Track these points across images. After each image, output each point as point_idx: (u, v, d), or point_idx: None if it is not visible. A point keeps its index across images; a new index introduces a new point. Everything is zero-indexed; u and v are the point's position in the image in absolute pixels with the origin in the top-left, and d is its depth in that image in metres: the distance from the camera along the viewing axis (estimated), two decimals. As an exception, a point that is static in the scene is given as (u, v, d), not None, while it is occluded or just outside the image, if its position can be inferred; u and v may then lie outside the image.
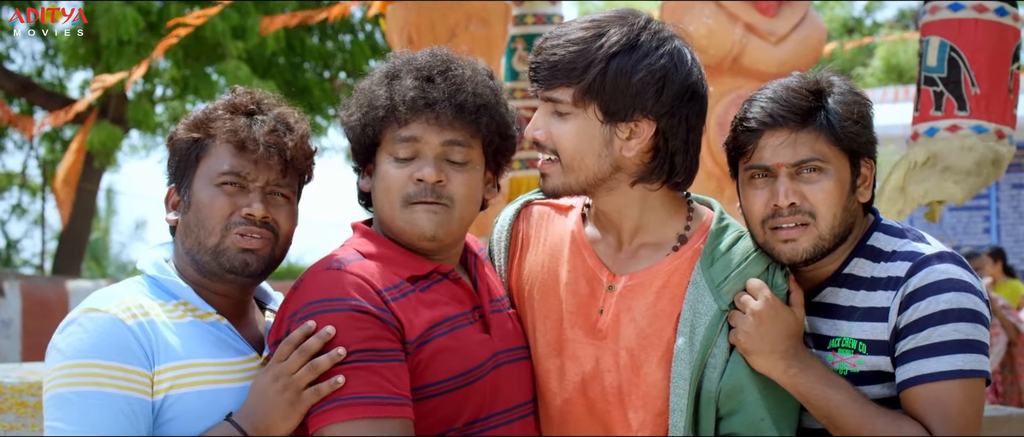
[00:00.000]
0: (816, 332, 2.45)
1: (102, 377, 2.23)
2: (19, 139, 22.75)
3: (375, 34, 18.91)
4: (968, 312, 2.29)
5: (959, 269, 2.33)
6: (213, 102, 2.49)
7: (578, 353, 2.43)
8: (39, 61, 21.22)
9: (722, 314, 2.34)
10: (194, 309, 2.38)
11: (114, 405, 2.23)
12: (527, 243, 2.58)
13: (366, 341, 2.22)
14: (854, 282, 2.42)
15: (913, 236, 2.42)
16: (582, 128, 2.34)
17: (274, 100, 2.51)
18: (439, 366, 2.30)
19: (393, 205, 2.38)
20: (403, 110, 2.35)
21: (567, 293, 2.46)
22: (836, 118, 2.38)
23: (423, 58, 2.42)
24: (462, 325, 2.37)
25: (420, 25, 7.05)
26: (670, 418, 2.33)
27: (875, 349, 2.36)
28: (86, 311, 2.30)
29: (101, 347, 2.25)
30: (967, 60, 4.55)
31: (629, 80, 2.29)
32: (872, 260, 2.41)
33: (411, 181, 2.35)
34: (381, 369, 2.21)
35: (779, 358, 2.32)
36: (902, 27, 25.90)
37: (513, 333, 2.49)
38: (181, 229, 2.44)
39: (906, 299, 2.32)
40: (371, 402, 2.19)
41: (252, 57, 17.34)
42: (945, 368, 2.27)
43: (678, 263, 2.39)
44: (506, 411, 2.41)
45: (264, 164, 2.40)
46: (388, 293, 2.29)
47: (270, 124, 2.42)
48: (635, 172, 2.37)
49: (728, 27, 6.02)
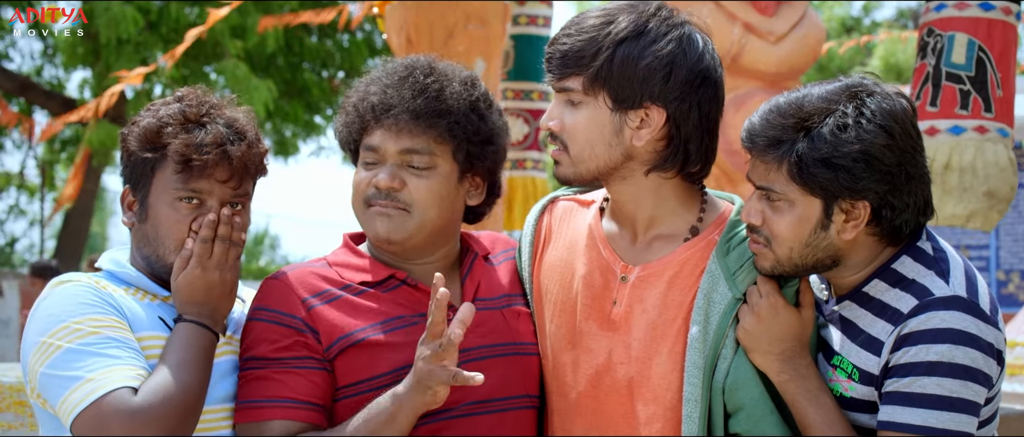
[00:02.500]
0: (827, 342, 2.41)
1: (99, 325, 2.28)
2: (18, 139, 22.73)
3: (374, 34, 18.90)
4: (958, 368, 2.18)
5: (966, 319, 2.20)
6: (163, 104, 2.47)
7: (592, 345, 2.43)
8: (38, 60, 21.20)
9: (736, 302, 2.32)
10: (151, 294, 2.44)
11: (120, 343, 2.27)
12: (549, 238, 2.60)
13: (273, 351, 2.37)
14: (867, 302, 2.33)
15: (938, 269, 2.27)
16: (593, 117, 2.35)
17: (223, 103, 2.50)
18: (370, 363, 2.37)
19: (358, 207, 2.46)
20: (368, 118, 2.43)
21: (582, 285, 2.46)
22: (804, 158, 2.21)
23: (397, 65, 2.47)
24: (409, 325, 2.40)
25: (418, 24, 7.04)
26: (684, 408, 2.31)
27: (866, 380, 2.30)
28: (56, 285, 2.36)
29: (86, 304, 2.31)
30: (995, 62, 4.49)
31: (636, 66, 2.30)
32: (890, 284, 2.30)
33: (371, 185, 2.42)
34: (278, 375, 2.35)
35: (775, 359, 2.30)
36: (900, 26, 25.89)
37: (506, 330, 2.49)
38: (138, 236, 2.47)
39: (900, 340, 2.23)
40: (256, 406, 2.34)
41: (251, 56, 17.33)
42: (918, 422, 2.19)
43: (690, 253, 2.39)
44: (468, 405, 2.39)
45: (218, 180, 2.42)
46: (315, 299, 2.40)
47: (221, 135, 2.42)
48: (649, 160, 2.37)
49: (727, 26, 6.00)
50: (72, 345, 2.25)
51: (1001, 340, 2.27)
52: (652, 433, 2.35)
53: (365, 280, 2.44)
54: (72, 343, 2.25)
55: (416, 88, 2.40)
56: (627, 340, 2.39)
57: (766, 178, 2.29)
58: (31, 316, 2.35)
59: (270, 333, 2.38)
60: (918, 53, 4.71)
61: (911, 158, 2.26)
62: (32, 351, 2.31)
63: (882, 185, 2.23)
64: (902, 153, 2.24)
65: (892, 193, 2.24)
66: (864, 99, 2.24)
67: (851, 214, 2.26)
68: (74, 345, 2.25)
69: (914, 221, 2.31)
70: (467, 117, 2.42)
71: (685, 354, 2.32)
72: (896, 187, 2.24)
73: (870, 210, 2.26)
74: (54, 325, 2.28)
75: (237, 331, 2.50)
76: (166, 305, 2.44)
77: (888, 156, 2.22)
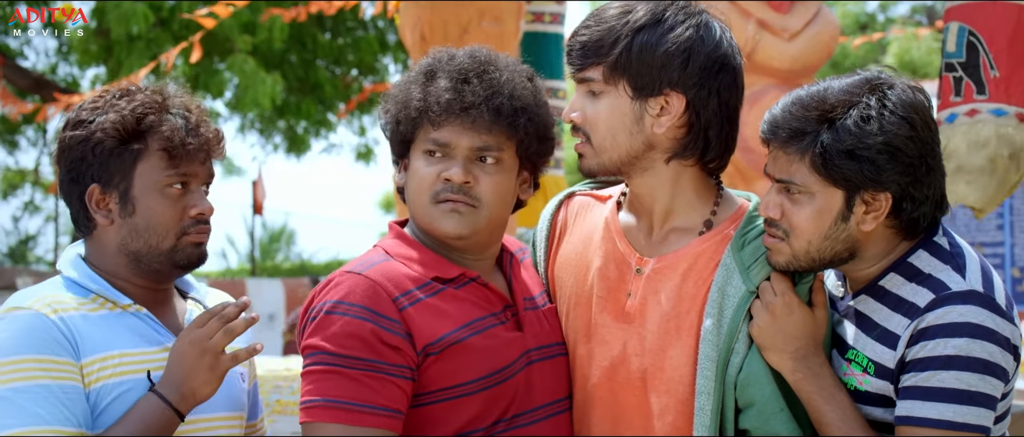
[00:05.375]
0: (842, 337, 2.41)
1: (35, 370, 2.24)
2: (33, 136, 22.82)
3: (387, 31, 18.92)
4: (977, 362, 2.18)
5: (983, 313, 2.20)
6: (111, 99, 2.43)
7: (607, 338, 2.43)
8: (52, 58, 21.28)
9: (750, 296, 2.33)
10: (111, 302, 2.41)
11: (52, 396, 2.23)
12: (565, 232, 2.61)
13: (361, 351, 2.26)
14: (883, 296, 2.33)
15: (955, 264, 2.28)
16: (614, 106, 2.36)
17: (174, 90, 2.50)
18: (463, 367, 2.32)
19: (422, 202, 2.40)
20: (437, 112, 2.36)
21: (598, 278, 2.47)
22: (828, 149, 2.23)
23: (462, 58, 2.42)
24: (490, 326, 2.38)
25: (432, 21, 7.04)
26: (696, 401, 2.31)
27: (881, 373, 2.30)
28: (7, 311, 2.32)
29: (29, 342, 2.26)
30: (985, 42, 4.48)
31: (654, 53, 2.32)
32: (906, 278, 2.31)
33: (439, 180, 2.38)
34: (367, 379, 2.25)
35: (789, 357, 2.30)
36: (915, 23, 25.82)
37: (549, 331, 2.49)
38: (122, 232, 2.43)
39: (917, 334, 2.23)
40: (351, 409, 2.25)
41: (263, 52, 17.37)
42: (936, 416, 2.19)
43: (705, 247, 2.39)
44: (539, 408, 2.41)
45: (198, 162, 2.45)
46: (405, 298, 2.32)
47: (194, 120, 2.45)
48: (670, 148, 2.38)
49: (741, 23, 6.01)
50: (2, 389, 2.22)
51: (1017, 335, 2.27)
52: (665, 425, 2.36)
53: (438, 276, 2.39)
54: (3, 385, 2.21)
55: (490, 85, 2.38)
56: (641, 332, 2.39)
57: (787, 171, 2.29)
58: None
59: (361, 331, 2.27)
60: None
61: (930, 150, 2.28)
62: None
63: (904, 177, 2.24)
64: (923, 144, 2.25)
65: (913, 185, 2.26)
66: (886, 91, 2.26)
67: (872, 206, 2.27)
68: (4, 390, 2.22)
69: (931, 214, 2.32)
70: (534, 113, 2.42)
71: (698, 347, 2.33)
72: (917, 179, 2.26)
73: (891, 202, 2.26)
74: None
75: None
76: (128, 313, 2.41)
77: (911, 147, 2.24)
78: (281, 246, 41.77)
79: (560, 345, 2.50)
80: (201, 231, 2.46)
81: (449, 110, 2.36)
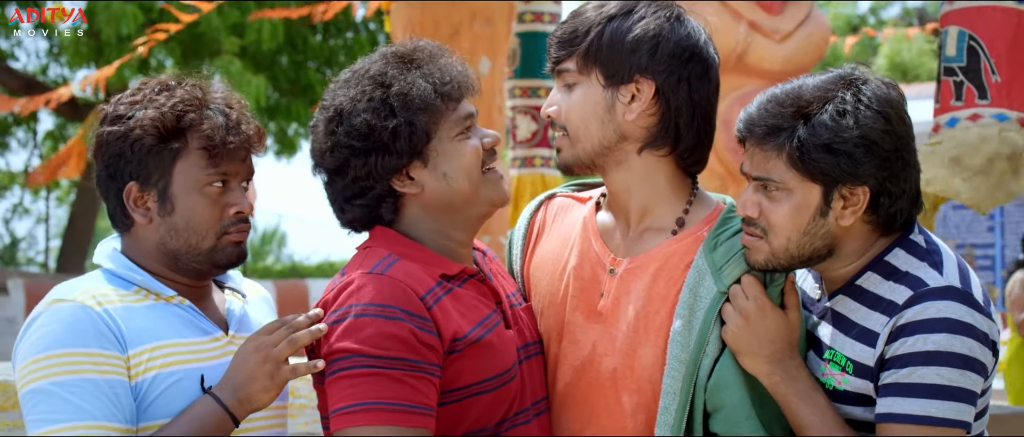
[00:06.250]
0: (818, 337, 2.41)
1: (82, 364, 2.20)
2: (23, 138, 22.78)
3: (378, 33, 18.93)
4: (956, 357, 2.18)
5: (961, 308, 2.20)
6: (150, 94, 2.40)
7: (578, 337, 2.44)
8: (43, 59, 21.26)
9: (722, 296, 2.32)
10: (155, 293, 2.37)
11: (99, 390, 2.20)
12: (542, 233, 2.62)
13: (401, 351, 2.21)
14: (860, 295, 2.33)
15: (931, 261, 2.28)
16: (587, 96, 2.39)
17: (215, 85, 2.47)
18: (481, 365, 2.31)
19: (474, 177, 2.38)
20: (455, 87, 2.37)
21: (572, 277, 2.47)
22: (805, 144, 2.23)
23: (404, 49, 2.42)
24: (496, 323, 2.38)
25: (424, 23, 7.05)
26: (661, 400, 2.31)
27: (860, 372, 2.30)
28: (52, 303, 2.28)
29: (75, 335, 2.22)
30: (986, 48, 4.48)
31: (624, 39, 2.35)
32: (883, 276, 2.31)
33: (483, 150, 2.39)
34: (410, 379, 2.20)
35: (764, 361, 2.29)
36: (906, 25, 25.89)
37: (529, 328, 2.50)
38: (161, 231, 2.39)
39: (896, 331, 2.22)
40: (397, 410, 2.18)
41: (253, 54, 17.37)
42: (918, 412, 2.19)
43: (677, 247, 2.39)
44: (531, 407, 2.41)
45: (239, 160, 2.42)
46: (430, 296, 2.29)
47: (235, 117, 2.41)
48: (641, 138, 2.39)
49: (732, 25, 6.01)
50: (46, 383, 2.19)
51: (995, 331, 2.28)
52: (638, 424, 2.36)
53: (444, 273, 2.36)
54: (49, 378, 2.19)
55: (452, 52, 2.45)
56: (612, 332, 2.40)
57: (764, 168, 2.30)
58: (23, 329, 2.30)
59: (400, 331, 2.20)
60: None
61: (905, 144, 2.29)
62: (19, 365, 2.26)
63: (881, 171, 2.25)
64: (898, 138, 2.26)
65: (890, 179, 2.27)
66: (860, 87, 2.27)
67: (850, 200, 2.27)
68: (49, 383, 2.19)
69: (908, 210, 2.33)
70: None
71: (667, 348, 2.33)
72: (893, 173, 2.27)
73: (869, 196, 2.27)
74: (37, 352, 2.22)
75: (240, 329, 2.46)
76: (171, 304, 2.38)
77: (887, 141, 2.25)
78: (272, 248, 41.76)
79: (538, 344, 2.50)
80: (241, 230, 2.42)
81: (463, 84, 2.38)
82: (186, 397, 2.30)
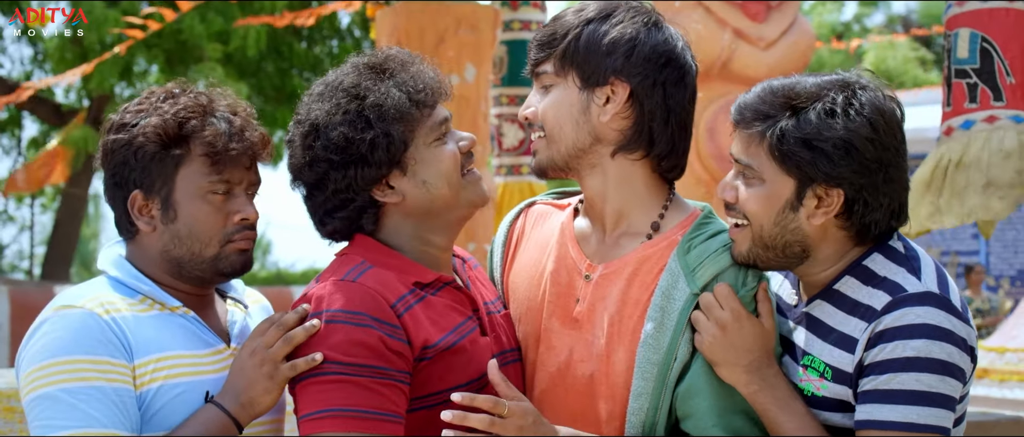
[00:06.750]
0: (794, 343, 2.40)
1: (89, 371, 2.20)
2: (7, 145, 22.69)
3: (363, 40, 18.93)
4: (936, 363, 2.18)
5: (940, 314, 2.19)
6: (155, 102, 2.40)
7: (554, 343, 2.44)
8: (27, 66, 21.19)
9: (694, 298, 2.33)
10: (160, 303, 2.37)
11: (106, 398, 2.19)
12: (521, 240, 2.63)
13: (370, 358, 2.21)
14: (839, 300, 2.33)
15: (910, 267, 2.28)
16: (563, 96, 2.41)
17: (220, 92, 2.47)
18: (452, 372, 2.31)
19: (454, 181, 2.40)
20: (428, 94, 2.38)
21: (549, 283, 2.48)
22: (786, 135, 2.24)
23: (375, 59, 2.43)
24: (470, 330, 2.38)
25: (409, 30, 7.05)
26: (631, 402, 2.31)
27: (839, 378, 2.29)
28: (59, 309, 2.27)
29: (82, 342, 2.21)
30: (1000, 50, 4.47)
31: (601, 41, 2.37)
32: (862, 281, 2.30)
33: (460, 154, 2.41)
34: (378, 386, 2.21)
35: (742, 371, 2.28)
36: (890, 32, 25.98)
37: (508, 335, 2.50)
38: (164, 238, 2.39)
39: (875, 337, 2.22)
40: (365, 417, 2.19)
41: (238, 61, 17.35)
42: (898, 418, 2.18)
43: (652, 251, 2.40)
44: None
45: (243, 167, 2.42)
46: (401, 304, 2.29)
47: (238, 124, 2.41)
48: (615, 140, 2.40)
49: (717, 32, 6.01)
50: (54, 389, 2.18)
51: (973, 337, 2.28)
52: (613, 430, 2.36)
53: (418, 281, 2.37)
54: (56, 385, 2.19)
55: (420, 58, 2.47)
56: (588, 338, 2.40)
57: (746, 152, 2.31)
58: (29, 333, 2.28)
59: (369, 339, 2.21)
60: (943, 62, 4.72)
61: (892, 158, 2.28)
62: (25, 370, 2.25)
63: (859, 177, 2.24)
64: (884, 150, 2.25)
65: (868, 189, 2.26)
66: (856, 91, 2.27)
67: (824, 201, 2.27)
68: (56, 390, 2.18)
69: (885, 223, 2.32)
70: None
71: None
72: (873, 183, 2.26)
73: (843, 200, 2.27)
74: (44, 358, 2.21)
75: (241, 342, 2.44)
76: (176, 315, 2.38)
77: (869, 149, 2.23)
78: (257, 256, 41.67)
79: (516, 351, 2.51)
80: (246, 237, 2.42)
81: (437, 88, 2.39)
82: (189, 409, 2.30)
